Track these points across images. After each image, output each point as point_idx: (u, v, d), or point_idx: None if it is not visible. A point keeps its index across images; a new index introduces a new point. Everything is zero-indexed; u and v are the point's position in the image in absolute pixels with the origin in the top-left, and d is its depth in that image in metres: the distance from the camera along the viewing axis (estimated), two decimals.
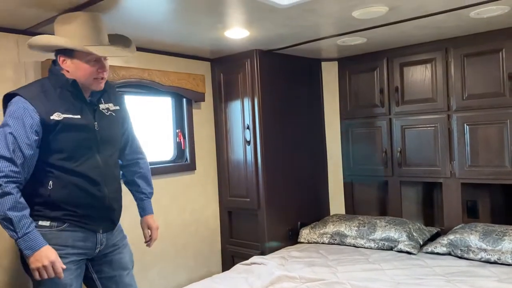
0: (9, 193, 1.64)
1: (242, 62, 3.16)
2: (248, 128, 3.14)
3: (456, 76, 3.03)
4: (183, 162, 3.21)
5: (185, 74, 3.06)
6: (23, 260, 1.78)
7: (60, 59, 1.81)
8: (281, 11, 2.20)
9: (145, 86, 2.85)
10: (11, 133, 1.67)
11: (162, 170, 3.03)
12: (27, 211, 1.68)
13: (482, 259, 2.60)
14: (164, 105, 3.19)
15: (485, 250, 2.61)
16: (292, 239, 3.32)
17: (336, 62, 3.63)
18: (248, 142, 3.15)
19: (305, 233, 3.31)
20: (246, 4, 2.09)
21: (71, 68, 1.81)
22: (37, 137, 1.72)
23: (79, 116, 1.80)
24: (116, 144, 1.99)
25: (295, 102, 3.41)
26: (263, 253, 3.11)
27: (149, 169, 2.25)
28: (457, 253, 2.71)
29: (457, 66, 3.02)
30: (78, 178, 1.79)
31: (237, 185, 3.28)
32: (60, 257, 1.73)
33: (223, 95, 3.32)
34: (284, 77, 3.32)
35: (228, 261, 3.34)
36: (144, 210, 2.22)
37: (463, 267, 2.55)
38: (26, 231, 1.65)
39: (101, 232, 1.90)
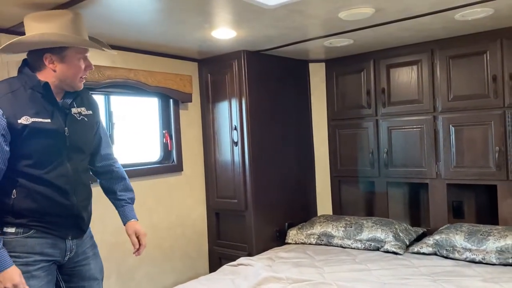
0: None
1: (229, 62, 3.15)
2: (235, 129, 3.14)
3: (441, 78, 3.06)
4: (169, 163, 3.18)
5: (172, 74, 3.04)
6: None
7: (48, 58, 1.69)
8: (268, 12, 2.20)
9: (131, 87, 2.83)
10: None
11: (148, 171, 3.01)
12: None
13: (467, 259, 2.62)
14: (150, 105, 3.16)
15: (470, 250, 2.64)
16: (279, 240, 3.32)
17: (324, 64, 3.65)
18: (236, 143, 3.15)
19: (293, 234, 3.31)
20: (232, 4, 2.08)
21: (60, 67, 1.71)
22: (6, 143, 1.60)
23: (49, 120, 1.68)
24: (86, 150, 1.88)
25: (283, 103, 3.42)
26: (250, 254, 3.10)
27: (124, 174, 2.09)
28: (443, 253, 2.73)
29: (443, 68, 3.05)
30: (45, 187, 1.68)
31: (225, 186, 3.27)
32: (28, 264, 1.66)
33: (211, 95, 3.30)
34: (271, 78, 3.32)
35: (216, 263, 3.32)
36: (126, 216, 2.04)
37: (449, 267, 2.57)
38: None
39: (70, 238, 1.79)
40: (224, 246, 3.34)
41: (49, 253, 1.73)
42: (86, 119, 1.85)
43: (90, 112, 1.88)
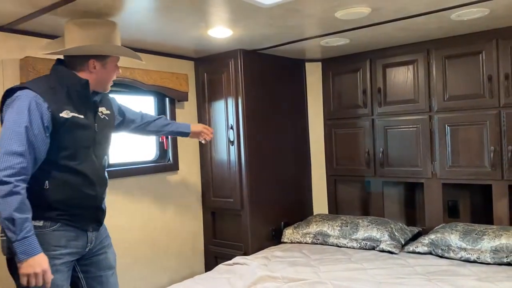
0: (18, 193, 1.61)
1: (226, 61, 3.15)
2: (231, 128, 3.13)
3: (437, 78, 3.07)
4: (165, 162, 3.18)
5: (168, 73, 3.03)
6: (10, 263, 1.76)
7: (92, 63, 1.88)
8: (264, 11, 2.20)
9: (127, 85, 2.82)
10: (26, 127, 1.65)
11: (144, 170, 3.00)
12: (30, 214, 1.65)
13: (462, 258, 2.63)
14: (146, 104, 3.15)
15: (465, 250, 2.65)
16: (275, 239, 3.32)
17: (320, 63, 3.65)
18: (232, 142, 3.14)
19: (288, 233, 3.31)
20: (228, 3, 2.08)
21: (101, 72, 1.91)
22: (48, 134, 1.72)
23: (82, 116, 1.84)
24: (107, 146, 2.05)
25: (279, 103, 3.42)
26: (246, 253, 3.10)
27: (154, 116, 2.50)
28: (438, 252, 2.74)
29: (439, 68, 3.06)
30: (77, 177, 1.82)
31: (221, 186, 3.26)
32: (54, 258, 1.74)
33: (207, 94, 3.30)
34: (268, 78, 3.32)
35: (211, 262, 3.32)
36: (183, 126, 2.56)
37: (444, 266, 2.58)
38: (26, 235, 1.62)
39: (91, 230, 1.92)
40: (220, 245, 3.34)
41: (73, 246, 1.84)
42: (107, 118, 2.03)
43: (109, 112, 2.06)
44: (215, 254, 3.35)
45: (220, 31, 2.57)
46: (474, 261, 2.59)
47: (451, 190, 3.22)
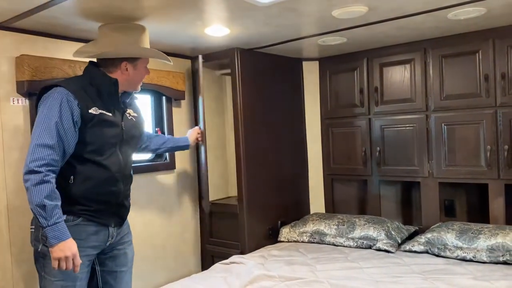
0: (48, 182, 1.72)
1: (223, 60, 3.14)
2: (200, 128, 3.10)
3: (434, 77, 3.07)
4: (162, 161, 3.17)
5: (165, 71, 3.02)
6: (36, 255, 1.90)
7: (124, 65, 2.00)
8: (261, 9, 2.20)
9: None
10: (56, 122, 1.77)
11: (141, 169, 2.99)
12: (59, 202, 1.75)
13: (458, 257, 2.64)
14: (142, 102, 3.14)
15: (461, 248, 2.66)
16: (272, 238, 3.32)
17: (317, 62, 3.65)
18: (202, 143, 3.10)
19: (285, 232, 3.31)
20: (226, 1, 2.07)
21: (132, 74, 2.02)
22: (77, 129, 1.84)
23: (110, 114, 1.95)
24: (135, 145, 2.17)
25: (276, 101, 3.41)
26: (243, 252, 3.10)
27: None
28: (434, 251, 2.74)
29: (435, 67, 3.06)
30: (102, 172, 1.90)
31: None
32: None
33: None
34: (265, 76, 3.32)
35: (208, 261, 3.32)
36: (180, 139, 2.72)
37: (440, 265, 2.58)
38: (57, 221, 1.73)
39: (113, 226, 2.00)
40: (216, 244, 3.34)
41: (93, 240, 1.93)
42: (134, 119, 2.14)
43: (136, 114, 2.17)
44: (212, 253, 3.35)
45: (217, 30, 2.56)
46: (470, 260, 2.60)
47: (448, 189, 3.22)
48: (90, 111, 1.87)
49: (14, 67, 2.31)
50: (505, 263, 2.51)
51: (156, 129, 3.14)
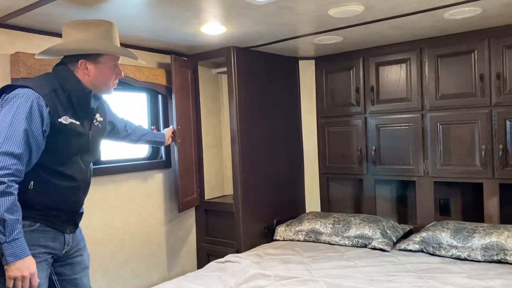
0: (10, 194, 1.58)
1: (219, 58, 3.13)
2: (173, 129, 3.08)
3: (430, 76, 3.08)
4: (158, 159, 3.16)
5: (160, 70, 3.02)
6: None
7: (82, 64, 1.81)
8: (257, 8, 2.20)
9: (118, 82, 2.78)
10: (25, 130, 1.62)
11: (136, 167, 2.99)
12: (20, 216, 1.62)
13: (453, 256, 2.65)
14: (138, 100, 3.14)
15: (456, 247, 2.67)
16: (268, 236, 3.32)
17: (313, 61, 3.65)
18: (176, 143, 3.09)
19: (281, 231, 3.31)
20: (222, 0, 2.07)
21: (93, 73, 1.82)
22: (44, 137, 1.70)
23: (79, 123, 1.82)
24: (96, 153, 2.02)
25: (272, 100, 3.41)
26: (238, 251, 3.09)
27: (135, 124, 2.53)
28: (429, 250, 2.75)
29: (431, 67, 3.07)
30: (64, 182, 1.79)
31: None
32: (34, 256, 1.69)
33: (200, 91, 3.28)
34: (261, 75, 3.32)
35: (204, 260, 3.32)
36: (158, 134, 2.68)
37: (435, 263, 2.59)
38: (16, 237, 1.59)
39: (68, 232, 1.89)
40: (212, 243, 3.34)
41: (51, 246, 1.81)
42: (100, 125, 1.99)
43: (102, 119, 2.02)
44: (208, 251, 3.35)
45: (213, 28, 2.56)
46: (465, 259, 2.61)
47: (443, 188, 3.23)
48: (60, 120, 1.72)
49: (9, 64, 2.30)
50: (499, 262, 2.52)
51: (152, 127, 3.13)
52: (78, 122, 1.80)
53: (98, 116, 1.97)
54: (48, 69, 2.36)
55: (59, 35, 2.49)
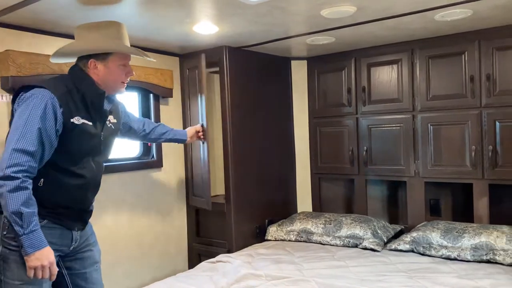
0: (25, 188, 1.65)
1: (211, 58, 3.12)
2: (202, 126, 3.08)
3: (421, 77, 3.10)
4: (149, 159, 3.15)
5: (152, 69, 3.00)
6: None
7: (92, 63, 1.85)
8: (250, 8, 2.19)
9: None
10: (39, 128, 1.68)
11: (127, 167, 2.97)
12: (36, 209, 1.69)
13: (443, 256, 2.67)
14: (130, 100, 3.12)
15: (446, 247, 2.69)
16: (259, 236, 3.32)
17: (305, 61, 3.65)
18: (203, 141, 3.09)
19: (273, 231, 3.31)
20: None
21: (103, 73, 1.87)
22: (57, 136, 1.76)
23: (92, 124, 1.86)
24: (108, 153, 2.07)
25: (264, 100, 3.41)
26: (230, 251, 3.09)
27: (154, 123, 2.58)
28: (420, 250, 2.77)
29: (422, 68, 3.09)
30: (73, 181, 1.83)
31: None
32: None
33: (192, 91, 3.27)
34: (253, 75, 3.31)
35: (195, 260, 3.31)
36: (178, 132, 2.67)
37: (425, 263, 2.61)
38: (33, 229, 1.66)
39: (76, 230, 1.93)
40: (203, 243, 3.33)
41: (57, 243, 1.85)
42: (113, 127, 2.04)
43: (115, 120, 2.07)
44: (199, 251, 3.34)
45: (206, 28, 2.55)
46: (455, 259, 2.63)
47: (433, 189, 3.26)
48: (72, 120, 1.78)
49: None
50: (488, 261, 2.54)
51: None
52: (90, 123, 1.86)
53: (111, 118, 2.02)
54: (39, 67, 2.36)
55: (50, 33, 2.50)
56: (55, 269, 1.73)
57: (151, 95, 3.11)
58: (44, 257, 1.68)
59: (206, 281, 2.48)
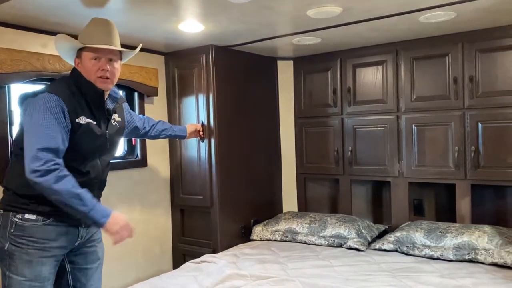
0: (66, 175, 1.73)
1: (197, 57, 3.11)
2: (202, 124, 3.10)
3: (405, 78, 3.13)
4: (133, 158, 3.12)
5: (137, 67, 2.97)
6: (3, 252, 1.83)
7: (76, 61, 1.92)
8: (236, 6, 2.19)
9: None
10: (55, 127, 1.75)
11: (112, 166, 2.91)
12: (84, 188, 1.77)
13: (426, 256, 2.70)
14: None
15: (429, 247, 2.72)
16: (244, 236, 3.31)
17: (292, 62, 3.66)
18: (202, 139, 3.11)
19: (258, 231, 3.31)
20: None
21: (82, 70, 1.90)
22: (68, 135, 1.81)
23: (96, 123, 1.91)
24: (115, 151, 2.13)
25: (251, 100, 3.40)
26: (215, 251, 3.08)
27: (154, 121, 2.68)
28: (403, 249, 2.80)
29: (407, 69, 3.12)
30: (79, 178, 1.83)
31: (190, 183, 3.23)
32: (44, 250, 1.82)
33: (177, 90, 3.25)
34: (240, 74, 3.31)
35: (180, 260, 3.28)
36: (178, 128, 2.80)
37: (409, 263, 2.63)
38: (95, 202, 1.77)
39: (82, 226, 1.97)
40: (188, 243, 3.31)
41: (63, 240, 1.90)
42: (118, 125, 2.08)
43: (120, 119, 2.11)
44: (184, 252, 3.32)
45: (192, 26, 2.54)
46: (438, 258, 2.66)
47: (417, 189, 3.29)
48: (77, 120, 1.83)
49: None
50: (470, 261, 2.58)
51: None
52: (95, 122, 1.90)
53: (116, 116, 2.06)
54: (21, 64, 2.33)
55: (32, 29, 2.45)
56: (132, 226, 1.83)
57: (136, 93, 3.08)
58: (119, 219, 1.79)
59: (191, 281, 2.46)
